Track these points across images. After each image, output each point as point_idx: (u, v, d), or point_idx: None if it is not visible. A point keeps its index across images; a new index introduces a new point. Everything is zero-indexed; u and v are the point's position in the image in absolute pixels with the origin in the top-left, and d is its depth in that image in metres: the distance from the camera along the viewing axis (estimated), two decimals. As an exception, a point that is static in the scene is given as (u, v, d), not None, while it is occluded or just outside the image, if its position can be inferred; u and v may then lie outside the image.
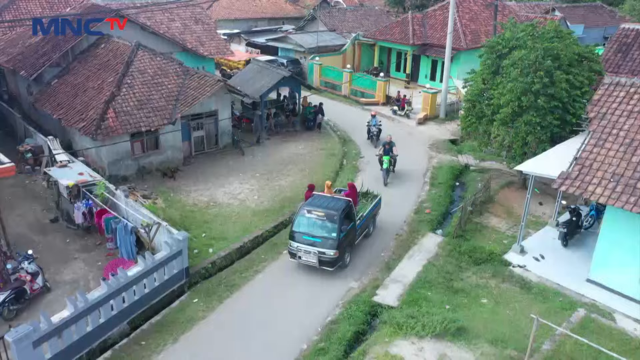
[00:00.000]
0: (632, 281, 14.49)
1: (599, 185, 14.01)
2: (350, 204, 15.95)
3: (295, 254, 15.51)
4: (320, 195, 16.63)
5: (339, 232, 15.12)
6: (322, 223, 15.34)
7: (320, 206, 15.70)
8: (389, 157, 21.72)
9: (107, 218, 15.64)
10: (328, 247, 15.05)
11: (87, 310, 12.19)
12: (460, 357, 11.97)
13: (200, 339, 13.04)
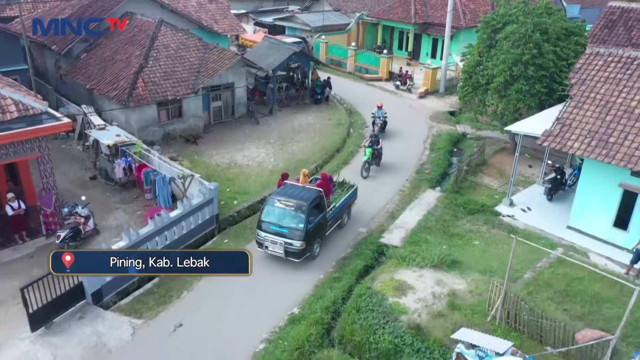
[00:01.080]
0: (604, 226, 16.69)
1: (576, 140, 16.12)
2: (321, 195, 15.54)
3: (262, 244, 15.24)
4: (291, 185, 16.26)
5: (307, 223, 14.76)
6: (290, 213, 15.00)
7: (290, 196, 15.32)
8: (371, 150, 21.13)
9: (146, 171, 17.76)
10: (295, 238, 14.72)
11: (138, 243, 14.38)
12: (454, 282, 14.16)
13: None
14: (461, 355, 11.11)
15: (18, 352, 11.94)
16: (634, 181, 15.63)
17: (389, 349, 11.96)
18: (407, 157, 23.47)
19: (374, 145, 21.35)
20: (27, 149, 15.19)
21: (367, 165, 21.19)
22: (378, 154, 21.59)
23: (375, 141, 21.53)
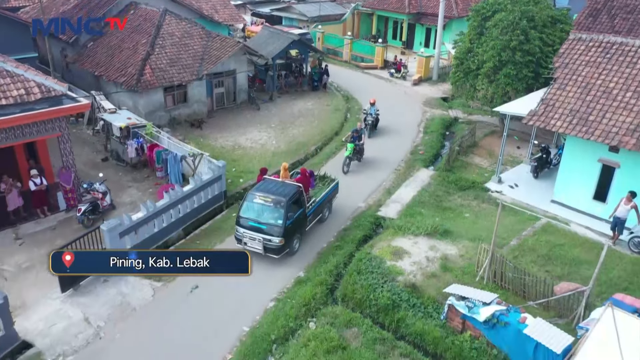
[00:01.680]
0: (585, 199, 18.01)
1: (559, 119, 17.40)
2: (300, 190, 15.46)
3: (241, 240, 15.06)
4: (269, 180, 16.11)
5: (286, 219, 14.67)
6: (268, 209, 14.89)
7: (268, 191, 15.21)
8: (353, 145, 20.82)
9: (158, 151, 18.90)
10: (274, 234, 14.61)
11: (155, 214, 15.56)
12: (446, 248, 15.45)
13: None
14: (452, 307, 12.42)
15: (51, 310, 13.11)
16: (611, 156, 16.94)
17: (387, 304, 13.23)
18: (402, 139, 24.70)
19: (355, 141, 21.09)
20: (48, 129, 16.28)
21: (348, 160, 20.91)
22: (360, 150, 21.31)
23: (357, 136, 21.27)
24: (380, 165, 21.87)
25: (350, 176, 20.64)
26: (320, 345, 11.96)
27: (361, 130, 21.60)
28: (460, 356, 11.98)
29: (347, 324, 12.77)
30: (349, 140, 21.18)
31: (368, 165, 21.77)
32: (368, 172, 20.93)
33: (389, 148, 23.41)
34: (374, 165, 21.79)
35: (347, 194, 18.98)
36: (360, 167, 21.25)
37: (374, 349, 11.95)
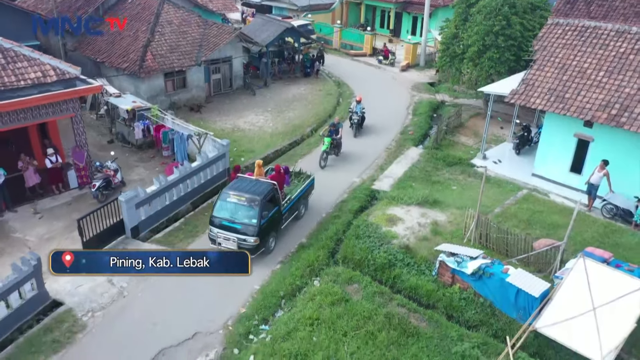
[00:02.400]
0: (562, 171, 19.52)
1: (538, 97, 18.85)
2: (275, 188, 15.24)
3: (214, 240, 14.80)
4: (243, 178, 15.83)
5: (260, 218, 14.43)
6: (242, 208, 14.65)
7: (242, 190, 14.92)
8: (330, 140, 20.57)
9: (164, 131, 19.98)
10: (248, 234, 14.34)
11: (166, 188, 16.71)
12: (435, 215, 16.85)
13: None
14: (443, 263, 13.83)
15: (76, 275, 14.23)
16: (586, 131, 18.44)
17: (384, 263, 14.61)
18: (392, 121, 26.04)
19: (333, 135, 20.88)
20: (63, 109, 17.31)
21: (325, 155, 20.72)
22: (337, 144, 21.16)
23: (335, 130, 21.03)
24: (372, 144, 23.19)
25: (346, 154, 21.90)
26: (325, 299, 13.30)
27: (338, 124, 21.31)
28: (450, 306, 13.41)
29: (348, 281, 14.12)
30: (326, 135, 20.93)
31: (361, 144, 23.08)
32: (360, 151, 22.24)
33: (380, 129, 24.75)
34: (365, 145, 23.10)
35: (342, 171, 20.37)
36: (354, 146, 22.52)
37: (374, 300, 13.31)
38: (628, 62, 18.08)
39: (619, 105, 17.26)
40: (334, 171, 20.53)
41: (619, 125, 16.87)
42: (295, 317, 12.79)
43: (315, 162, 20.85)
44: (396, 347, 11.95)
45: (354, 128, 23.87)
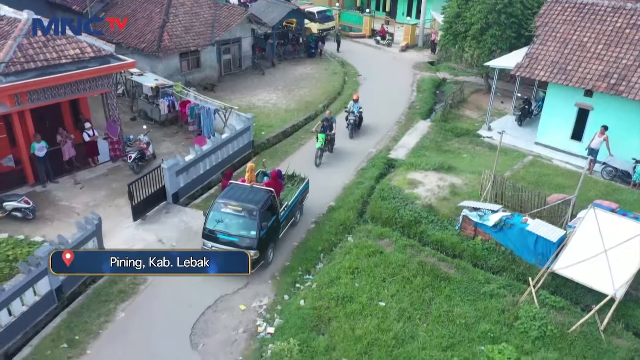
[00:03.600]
0: (564, 139, 21.00)
1: (542, 70, 20.25)
2: (273, 195, 14.14)
3: None
4: (237, 186, 14.62)
5: (259, 230, 13.31)
6: (239, 219, 13.49)
7: (238, 199, 13.76)
8: (324, 136, 19.51)
9: (191, 106, 20.94)
10: (247, 247, 12.91)
11: (201, 157, 17.78)
12: (452, 179, 18.21)
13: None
14: (466, 217, 15.21)
15: (128, 235, 15.34)
16: (586, 100, 19.92)
17: (411, 220, 15.95)
18: (398, 97, 27.32)
19: (326, 131, 19.73)
20: (99, 85, 18.21)
21: (320, 152, 19.67)
22: (331, 140, 20.15)
23: (328, 126, 19.85)
24: (383, 118, 24.44)
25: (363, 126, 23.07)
26: (361, 252, 14.62)
27: (331, 119, 20.20)
28: (474, 255, 14.83)
29: (380, 236, 15.46)
30: (319, 131, 19.73)
31: (373, 118, 24.28)
32: (373, 125, 23.47)
33: (389, 105, 25.99)
34: (377, 118, 24.31)
35: (361, 140, 21.68)
36: (367, 119, 23.67)
37: (405, 252, 14.66)
38: (624, 35, 19.54)
39: (617, 75, 18.74)
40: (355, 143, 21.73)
41: (618, 93, 18.36)
42: (336, 267, 14.09)
43: (307, 159, 20.02)
44: (431, 289, 13.33)
45: (350, 129, 22.21)
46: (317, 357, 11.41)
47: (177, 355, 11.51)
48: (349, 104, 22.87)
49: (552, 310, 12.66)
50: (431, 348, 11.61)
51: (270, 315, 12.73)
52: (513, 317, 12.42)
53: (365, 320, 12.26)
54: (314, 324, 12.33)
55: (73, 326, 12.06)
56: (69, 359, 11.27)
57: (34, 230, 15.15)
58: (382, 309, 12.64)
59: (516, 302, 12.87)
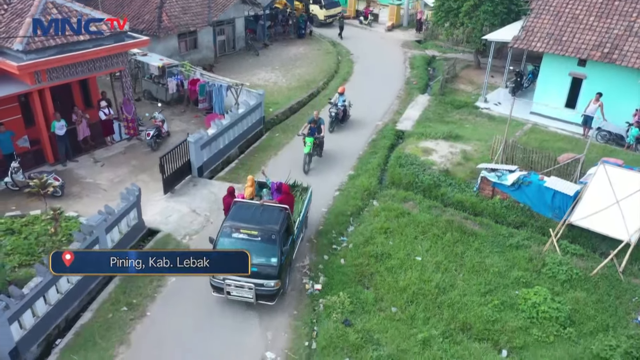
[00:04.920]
0: (558, 107, 22.20)
1: (538, 41, 21.32)
2: (288, 213, 12.40)
3: (221, 289, 11.70)
4: (245, 205, 12.65)
5: (280, 255, 11.60)
6: (256, 245, 11.58)
7: (250, 221, 11.92)
8: (312, 140, 17.58)
9: (202, 84, 21.14)
10: (267, 277, 11.43)
11: (223, 131, 18.14)
12: (462, 146, 19.12)
13: (293, 149, 19.27)
14: (485, 178, 16.14)
15: (161, 207, 15.64)
16: (579, 70, 21.12)
17: (431, 184, 16.79)
18: (393, 73, 28.12)
19: (314, 133, 17.85)
20: (114, 63, 18.26)
21: (308, 158, 17.74)
22: (320, 143, 18.21)
23: (316, 128, 17.95)
24: (383, 92, 25.20)
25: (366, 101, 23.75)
26: (389, 214, 15.40)
27: (319, 120, 18.14)
28: (494, 213, 15.80)
29: (403, 199, 16.24)
30: (306, 134, 17.79)
31: (373, 92, 25.01)
32: (375, 98, 24.21)
33: (386, 81, 26.76)
34: (379, 93, 25.06)
35: (366, 113, 22.39)
36: (369, 95, 24.35)
37: (431, 212, 15.51)
38: (614, 7, 20.75)
39: (609, 45, 19.97)
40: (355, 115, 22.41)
41: (612, 61, 19.60)
42: (369, 228, 14.82)
43: (296, 156, 18.54)
44: (461, 244, 14.23)
45: (330, 122, 20.58)
46: (367, 307, 12.14)
47: (235, 310, 12.02)
48: (334, 97, 21.31)
49: (573, 257, 13.73)
50: (471, 294, 12.51)
51: (314, 274, 13.35)
52: (540, 264, 13.42)
53: (406, 273, 13.05)
54: (357, 279, 13.05)
55: (129, 291, 12.41)
56: (132, 320, 11.65)
57: (65, 206, 15.24)
58: (420, 263, 13.46)
59: (541, 252, 13.88)
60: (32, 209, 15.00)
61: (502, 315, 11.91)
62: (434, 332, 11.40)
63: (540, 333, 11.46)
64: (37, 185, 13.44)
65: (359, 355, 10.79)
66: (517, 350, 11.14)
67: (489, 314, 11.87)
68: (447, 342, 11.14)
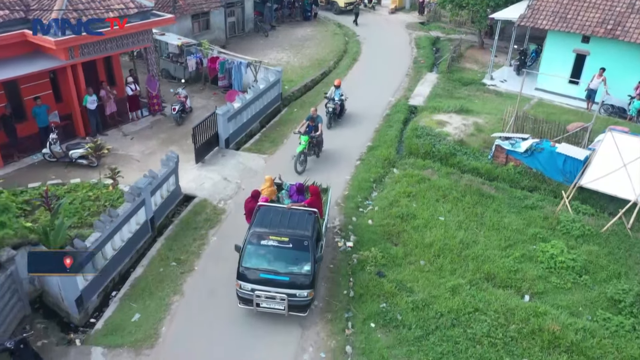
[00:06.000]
0: (562, 83, 23.18)
1: (544, 19, 22.23)
2: (317, 217, 11.66)
3: (249, 300, 10.82)
4: (270, 208, 11.70)
5: (314, 263, 10.86)
6: (287, 253, 10.93)
7: (279, 227, 11.10)
8: (307, 138, 16.54)
9: (221, 62, 21.85)
10: (301, 287, 10.72)
11: (247, 104, 18.93)
12: (473, 119, 20.06)
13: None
14: (499, 146, 17.11)
15: (194, 175, 16.46)
16: (583, 46, 22.08)
17: (447, 153, 17.74)
18: (401, 53, 28.98)
19: (311, 132, 16.84)
20: (140, 40, 18.93)
21: (302, 157, 16.59)
22: (317, 142, 17.19)
23: (313, 126, 17.01)
24: (393, 71, 26.07)
25: (377, 79, 24.61)
26: (410, 180, 16.34)
27: (317, 118, 17.19)
28: (508, 179, 16.79)
29: (422, 167, 17.18)
30: (303, 132, 16.79)
31: (383, 71, 25.83)
32: (385, 76, 25.08)
33: (394, 60, 27.62)
34: (389, 71, 25.90)
35: (379, 91, 23.24)
36: (379, 73, 25.18)
37: (449, 178, 16.47)
38: (617, -15, 21.70)
39: (612, 22, 20.92)
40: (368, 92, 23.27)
41: (615, 37, 20.56)
42: (392, 193, 15.77)
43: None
44: (479, 205, 15.22)
45: (328, 117, 19.55)
46: (397, 260, 13.10)
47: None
48: (330, 90, 20.11)
49: (584, 216, 14.77)
50: (492, 249, 13.51)
51: (345, 234, 14.27)
52: (555, 222, 14.45)
53: (431, 232, 14.01)
54: (386, 237, 13.99)
55: (175, 249, 13.28)
56: (182, 274, 12.53)
57: (102, 176, 16.00)
58: (443, 223, 14.42)
59: (554, 211, 14.91)
60: (71, 178, 15.77)
61: (523, 266, 12.92)
62: (461, 281, 12.37)
63: (558, 280, 12.49)
64: (92, 148, 14.14)
65: (395, 301, 11.74)
66: (538, 296, 12.15)
67: (511, 265, 12.88)
68: (474, 289, 12.11)
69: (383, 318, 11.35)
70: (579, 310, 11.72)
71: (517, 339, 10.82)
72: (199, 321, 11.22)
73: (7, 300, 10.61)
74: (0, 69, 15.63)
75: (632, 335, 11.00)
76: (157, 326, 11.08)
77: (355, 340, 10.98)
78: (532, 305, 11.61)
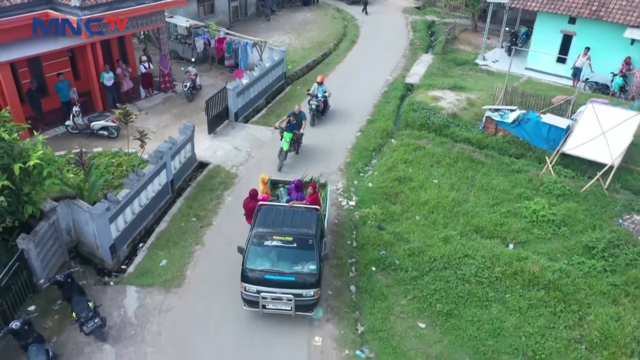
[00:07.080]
0: (550, 63, 24.54)
1: (533, 1, 23.54)
2: (319, 215, 11.65)
3: (254, 302, 10.80)
4: (271, 208, 11.59)
5: (319, 261, 10.83)
6: (292, 252, 10.85)
7: (282, 226, 10.99)
8: (291, 135, 16.30)
9: (228, 42, 23.09)
10: (307, 286, 10.69)
11: (254, 81, 20.20)
12: (466, 95, 21.41)
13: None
14: (489, 117, 18.49)
15: (207, 145, 17.80)
16: (569, 27, 23.41)
17: (441, 125, 19.12)
18: (398, 36, 30.24)
19: (294, 129, 16.56)
20: (154, 20, 20.13)
21: (284, 154, 16.45)
22: (297, 139, 16.88)
23: (296, 123, 16.69)
24: (390, 52, 27.35)
25: (376, 59, 25.91)
26: (406, 148, 17.74)
27: (300, 115, 16.97)
28: (497, 147, 18.18)
29: (418, 137, 18.56)
30: (285, 128, 16.51)
31: (381, 52, 27.10)
32: (383, 57, 26.38)
33: (392, 42, 28.88)
34: (386, 52, 27.17)
35: (377, 70, 24.53)
36: (379, 54, 26.47)
37: (443, 146, 17.86)
38: (601, -31, 22.99)
39: (597, 3, 22.25)
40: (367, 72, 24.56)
41: (599, 17, 21.90)
42: (391, 159, 17.16)
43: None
44: (470, 170, 16.62)
45: (311, 114, 19.25)
46: (395, 216, 14.51)
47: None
48: (312, 87, 19.69)
49: (566, 179, 16.20)
50: (481, 206, 14.94)
51: (347, 195, 15.66)
52: (538, 183, 15.88)
53: (426, 192, 15.42)
54: (385, 198, 15.40)
55: (195, 207, 14.66)
56: (202, 227, 13.92)
57: (121, 146, 17.31)
58: (437, 185, 15.83)
59: (538, 174, 16.33)
60: (93, 148, 17.08)
61: (508, 220, 14.36)
62: (453, 232, 13.80)
63: (539, 232, 13.94)
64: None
65: (393, 249, 13.17)
66: (521, 244, 13.60)
67: (497, 219, 14.32)
68: (464, 239, 13.54)
69: (383, 263, 12.78)
70: (557, 256, 13.18)
71: (501, 278, 12.27)
72: (218, 266, 12.62)
73: (50, 246, 11.96)
74: (26, 47, 16.84)
75: (602, 275, 12.46)
76: (182, 270, 12.49)
77: (358, 281, 12.41)
78: (515, 252, 13.05)
